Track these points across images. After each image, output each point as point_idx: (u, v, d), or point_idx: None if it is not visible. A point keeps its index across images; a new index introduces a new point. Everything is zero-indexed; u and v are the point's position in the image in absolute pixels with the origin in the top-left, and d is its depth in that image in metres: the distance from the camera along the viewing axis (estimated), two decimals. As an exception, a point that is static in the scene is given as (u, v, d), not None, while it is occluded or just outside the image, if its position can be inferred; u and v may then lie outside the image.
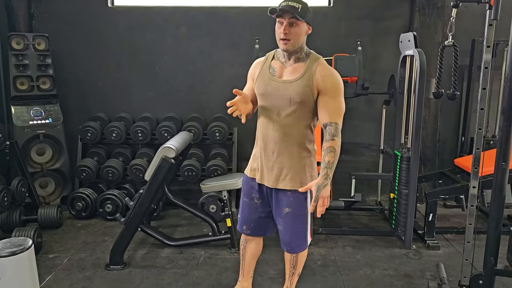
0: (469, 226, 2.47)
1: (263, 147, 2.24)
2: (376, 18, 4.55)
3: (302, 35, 2.09)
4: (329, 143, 2.05)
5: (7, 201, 3.57)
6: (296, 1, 2.03)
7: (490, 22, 2.24)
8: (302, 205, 2.24)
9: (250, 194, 2.36)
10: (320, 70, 2.12)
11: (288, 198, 2.22)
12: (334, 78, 2.13)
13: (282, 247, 2.38)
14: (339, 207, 3.77)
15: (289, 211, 2.23)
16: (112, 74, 4.65)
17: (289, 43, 2.06)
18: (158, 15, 4.55)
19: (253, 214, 2.38)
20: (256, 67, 2.29)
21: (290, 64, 2.16)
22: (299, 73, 2.12)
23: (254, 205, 2.36)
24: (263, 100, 2.21)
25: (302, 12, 2.03)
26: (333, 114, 2.11)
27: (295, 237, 2.30)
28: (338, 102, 2.13)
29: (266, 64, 2.23)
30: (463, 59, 4.27)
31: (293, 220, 2.26)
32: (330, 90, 2.11)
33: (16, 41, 4.11)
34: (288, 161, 2.19)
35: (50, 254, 3.39)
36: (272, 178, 2.23)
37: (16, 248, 1.33)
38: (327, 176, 2.00)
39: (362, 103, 4.65)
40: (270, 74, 2.18)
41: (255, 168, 2.32)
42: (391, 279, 3.02)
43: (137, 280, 2.99)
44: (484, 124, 2.39)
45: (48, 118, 4.31)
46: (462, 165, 3.96)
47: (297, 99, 2.10)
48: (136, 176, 4.21)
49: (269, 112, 2.19)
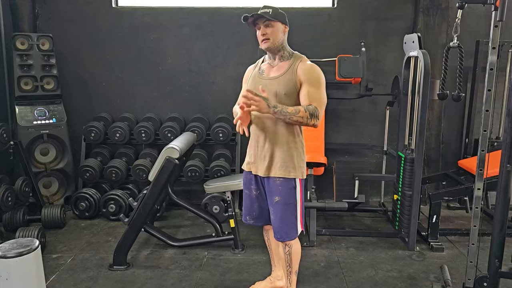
0: (474, 228, 2.46)
1: (255, 139, 2.44)
2: (380, 19, 4.54)
3: (279, 32, 2.30)
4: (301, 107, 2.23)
5: (11, 201, 3.58)
6: (267, 7, 2.29)
7: (495, 24, 2.23)
8: (291, 194, 2.41)
9: (249, 186, 2.56)
10: (302, 65, 2.32)
11: (277, 187, 2.40)
12: (315, 71, 2.31)
13: (275, 237, 2.50)
14: (343, 208, 3.76)
15: (279, 199, 2.40)
16: (115, 75, 4.66)
17: (269, 41, 2.29)
18: (162, 15, 4.56)
19: (253, 204, 2.57)
20: (249, 71, 2.56)
21: (276, 63, 2.38)
22: (283, 69, 2.34)
23: (253, 196, 2.56)
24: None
25: (273, 14, 2.27)
26: (315, 101, 2.26)
27: (284, 224, 2.43)
28: (319, 92, 2.29)
29: (257, 67, 2.48)
30: (467, 61, 4.26)
31: (282, 208, 2.41)
32: (311, 81, 2.28)
33: (20, 41, 4.12)
34: (278, 150, 2.37)
35: (54, 254, 3.40)
36: (264, 167, 2.41)
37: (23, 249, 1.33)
38: (275, 107, 2.18)
39: (366, 104, 4.65)
40: (259, 74, 2.42)
41: (249, 162, 2.52)
42: (394, 281, 3.01)
43: (141, 281, 2.99)
44: (489, 125, 2.38)
45: (52, 118, 4.32)
46: (466, 167, 3.95)
47: (282, 91, 2.30)
48: (139, 176, 4.22)
49: None
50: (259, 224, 2.66)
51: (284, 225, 2.43)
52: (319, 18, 4.54)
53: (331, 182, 4.51)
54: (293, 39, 4.57)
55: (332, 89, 4.46)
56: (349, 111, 4.70)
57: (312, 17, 4.52)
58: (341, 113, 4.70)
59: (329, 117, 4.51)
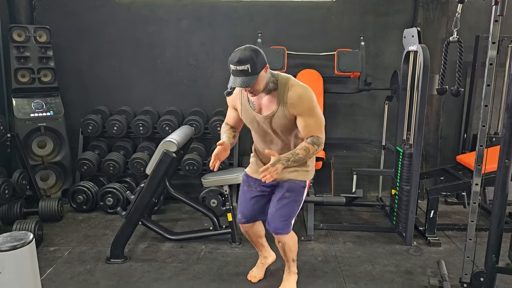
0: (471, 224, 2.47)
1: (262, 155, 2.54)
2: (379, 13, 4.51)
3: (262, 81, 2.18)
4: (307, 144, 2.26)
5: (8, 193, 3.57)
6: (243, 61, 2.07)
7: (496, 18, 2.21)
8: (300, 193, 2.50)
9: (249, 184, 2.63)
10: (291, 95, 2.23)
11: (290, 184, 2.47)
12: (305, 98, 2.24)
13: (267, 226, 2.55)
14: (340, 203, 3.77)
15: (288, 195, 2.47)
16: (113, 67, 4.63)
17: (256, 92, 2.21)
18: (160, 8, 4.52)
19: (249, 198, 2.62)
20: (235, 98, 2.44)
21: (263, 95, 2.30)
22: (274, 104, 2.27)
23: (250, 191, 2.61)
24: (253, 129, 2.49)
25: (252, 70, 2.08)
26: (315, 130, 2.29)
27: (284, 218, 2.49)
28: (316, 118, 2.28)
29: (244, 97, 2.38)
30: (467, 56, 4.24)
31: (288, 203, 2.47)
32: (305, 112, 2.25)
33: (17, 33, 4.08)
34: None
35: (51, 247, 3.40)
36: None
37: (17, 242, 1.32)
38: (288, 160, 2.22)
39: (364, 99, 4.64)
40: (251, 109, 2.37)
41: (255, 170, 2.56)
42: (391, 275, 3.02)
43: (138, 274, 2.99)
44: (488, 121, 2.37)
45: (49, 110, 4.30)
46: (464, 162, 3.95)
47: (280, 128, 2.33)
48: (137, 169, 4.21)
49: (262, 139, 2.48)
50: (251, 222, 2.70)
51: (283, 219, 2.49)
52: (318, 11, 4.51)
53: (329, 177, 4.50)
54: (293, 33, 4.59)
55: (331, 83, 4.44)
56: (348, 106, 4.68)
57: (311, 10, 4.49)
58: (339, 108, 4.68)
59: (327, 111, 4.48)
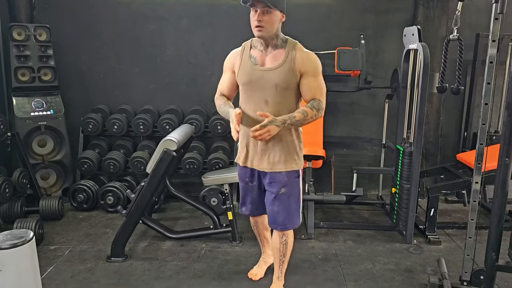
0: (471, 222, 2.47)
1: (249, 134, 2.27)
2: (379, 11, 4.51)
3: (276, 22, 2.15)
4: (306, 108, 2.22)
5: (8, 192, 3.58)
6: None
7: (496, 16, 2.21)
8: (296, 184, 2.42)
9: (244, 179, 2.53)
10: (299, 54, 2.22)
11: (283, 177, 2.36)
12: (314, 60, 2.26)
13: (273, 227, 2.50)
14: (341, 201, 3.76)
15: (284, 191, 2.38)
16: (113, 66, 4.63)
17: (263, 29, 2.13)
18: (160, 6, 4.52)
19: (250, 195, 2.57)
20: (234, 58, 2.35)
21: (269, 52, 2.24)
22: (280, 59, 2.21)
23: (249, 187, 2.54)
24: (248, 89, 2.29)
25: (274, 0, 2.08)
26: (317, 93, 2.27)
27: (289, 213, 2.44)
28: (319, 81, 2.28)
29: (245, 54, 2.29)
30: (467, 54, 4.24)
31: (288, 200, 2.40)
32: (311, 71, 2.23)
33: (17, 31, 4.08)
34: (280, 145, 2.32)
35: (52, 245, 3.40)
36: (265, 163, 2.36)
37: (17, 240, 1.32)
38: (284, 122, 2.16)
39: (365, 97, 4.63)
40: (252, 63, 2.24)
41: (245, 157, 2.44)
42: (392, 274, 3.02)
43: (138, 272, 3.00)
44: (488, 119, 2.37)
45: (49, 109, 4.30)
46: (464, 160, 3.95)
47: (283, 84, 2.20)
48: (137, 168, 4.21)
49: (256, 101, 2.27)
50: (254, 215, 2.69)
51: (289, 215, 2.44)
52: (318, 10, 4.51)
53: (329, 175, 4.51)
54: (292, 31, 4.55)
55: (331, 81, 4.44)
56: (348, 104, 4.68)
57: (311, 8, 4.49)
58: (339, 106, 4.68)
59: (327, 110, 4.42)
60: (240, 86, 2.36)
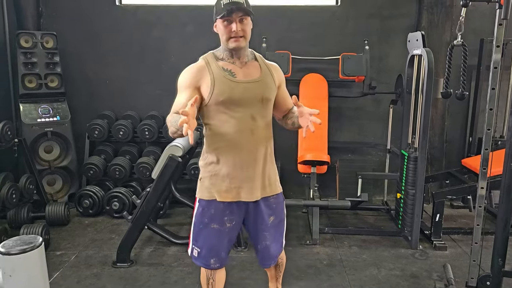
0: (477, 227, 2.46)
1: (238, 161, 1.96)
2: (383, 17, 4.53)
3: (250, 29, 1.96)
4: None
5: (15, 198, 3.61)
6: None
7: (500, 22, 2.22)
8: (282, 209, 2.17)
9: (222, 218, 2.02)
10: (271, 65, 2.10)
11: (271, 205, 2.09)
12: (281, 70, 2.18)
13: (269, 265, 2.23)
14: (345, 206, 3.76)
15: (273, 219, 2.11)
16: (119, 73, 4.67)
17: (242, 39, 1.92)
18: (165, 13, 4.56)
19: (223, 240, 2.06)
20: (199, 73, 1.99)
21: (242, 64, 2.00)
22: (257, 71, 2.01)
23: (224, 230, 2.05)
24: (230, 107, 1.93)
25: (247, 5, 1.93)
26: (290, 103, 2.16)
27: (280, 241, 2.21)
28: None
29: (214, 67, 1.97)
30: (471, 59, 4.23)
31: (277, 228, 2.15)
32: (283, 82, 2.15)
33: (24, 39, 4.13)
34: (270, 165, 2.08)
35: (58, 251, 3.42)
36: (256, 189, 2.01)
37: (27, 245, 1.33)
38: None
39: (369, 103, 4.64)
40: (230, 76, 1.94)
41: (226, 189, 1.99)
42: (397, 279, 3.01)
43: (144, 278, 3.01)
44: (493, 124, 2.37)
45: (56, 116, 4.34)
46: (470, 166, 3.94)
47: (268, 96, 1.99)
48: (143, 174, 4.23)
49: (241, 119, 1.94)
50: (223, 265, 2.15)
51: (280, 242, 2.20)
52: (322, 15, 4.53)
53: (334, 181, 4.50)
54: (297, 37, 4.60)
55: (336, 87, 4.46)
56: (353, 110, 4.69)
57: (315, 14, 4.51)
58: (344, 112, 4.69)
59: (332, 115, 4.50)
60: (212, 107, 1.94)
